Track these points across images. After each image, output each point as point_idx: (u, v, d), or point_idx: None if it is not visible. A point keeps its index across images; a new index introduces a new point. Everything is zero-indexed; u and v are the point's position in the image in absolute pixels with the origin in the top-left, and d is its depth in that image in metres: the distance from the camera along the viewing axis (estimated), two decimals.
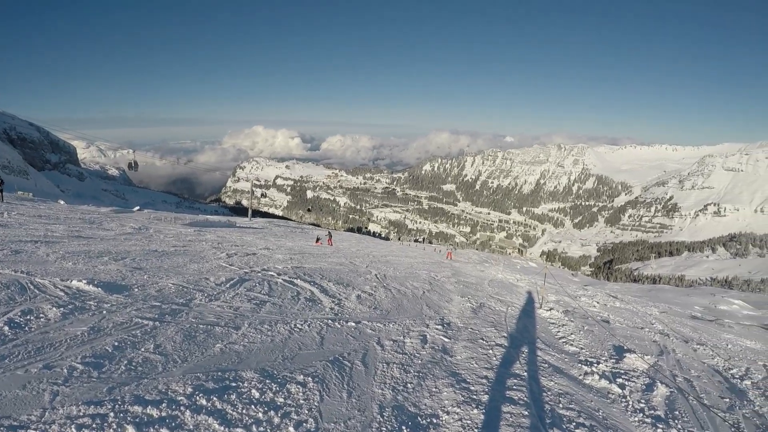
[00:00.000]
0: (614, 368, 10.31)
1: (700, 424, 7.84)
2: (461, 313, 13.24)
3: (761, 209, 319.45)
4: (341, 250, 30.48)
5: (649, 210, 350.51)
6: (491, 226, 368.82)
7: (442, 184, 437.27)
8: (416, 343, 9.07)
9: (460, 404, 6.47)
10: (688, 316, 27.83)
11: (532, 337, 12.02)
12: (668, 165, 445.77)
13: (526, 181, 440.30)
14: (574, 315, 17.26)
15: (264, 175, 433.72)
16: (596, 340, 13.17)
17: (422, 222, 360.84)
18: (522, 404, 6.82)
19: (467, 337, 10.33)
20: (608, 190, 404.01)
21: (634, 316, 21.29)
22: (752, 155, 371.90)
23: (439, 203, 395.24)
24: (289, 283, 12.65)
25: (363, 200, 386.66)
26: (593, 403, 7.90)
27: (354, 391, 6.35)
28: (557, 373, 9.06)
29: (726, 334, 21.71)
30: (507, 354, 9.45)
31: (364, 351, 8.03)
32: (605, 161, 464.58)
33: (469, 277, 24.88)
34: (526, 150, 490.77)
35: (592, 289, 39.76)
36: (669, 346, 14.13)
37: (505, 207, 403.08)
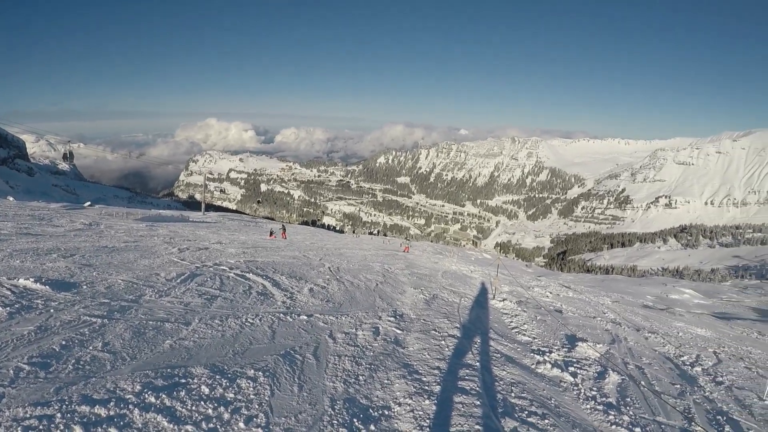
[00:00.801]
0: (566, 357, 10.50)
1: (652, 410, 8.03)
2: (414, 304, 13.29)
3: (711, 202, 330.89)
4: (295, 243, 30.29)
5: (601, 202, 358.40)
6: (446, 218, 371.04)
7: (397, 176, 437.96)
8: (368, 335, 9.07)
9: (412, 395, 6.49)
10: (640, 305, 28.47)
11: (485, 327, 12.12)
12: (621, 158, 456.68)
13: (480, 174, 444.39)
14: (527, 305, 17.50)
15: (217, 168, 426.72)
16: (549, 329, 13.39)
17: (377, 214, 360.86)
18: (474, 394, 6.86)
19: (420, 328, 10.37)
20: (561, 183, 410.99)
21: (587, 305, 21.69)
22: (703, 149, 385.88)
23: (394, 196, 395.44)
24: (241, 278, 12.51)
25: (317, 193, 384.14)
26: (545, 392, 8.01)
27: (305, 384, 6.31)
28: (510, 363, 9.17)
29: (677, 322, 22.27)
30: (459, 344, 9.50)
31: (316, 344, 8.00)
32: (559, 154, 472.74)
33: (423, 268, 24.97)
34: (481, 143, 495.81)
35: (545, 279, 40.38)
36: (621, 335, 14.45)
37: (459, 199, 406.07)
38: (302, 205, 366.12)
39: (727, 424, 8.04)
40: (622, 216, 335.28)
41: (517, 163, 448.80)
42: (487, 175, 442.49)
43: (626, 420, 7.37)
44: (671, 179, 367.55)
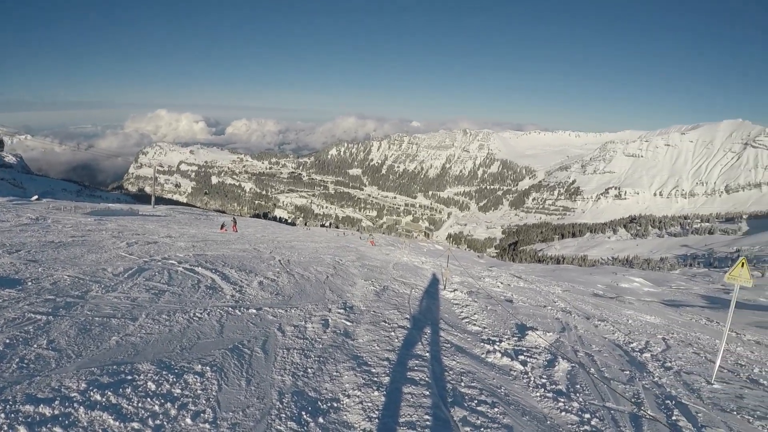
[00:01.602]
0: (516, 346, 10.56)
1: (601, 396, 8.14)
2: (364, 296, 13.23)
3: (660, 192, 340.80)
4: (246, 236, 30.00)
5: (552, 193, 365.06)
6: (397, 210, 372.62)
7: (349, 168, 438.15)
8: (318, 327, 8.98)
9: (360, 387, 6.46)
10: (590, 294, 28.95)
11: (435, 318, 12.14)
12: (571, 150, 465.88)
13: (432, 166, 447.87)
14: (477, 296, 17.62)
15: (167, 160, 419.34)
16: (499, 319, 13.48)
17: (329, 207, 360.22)
18: (423, 384, 6.86)
19: (370, 320, 10.32)
20: (513, 174, 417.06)
21: (538, 295, 21.94)
22: (652, 142, 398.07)
23: (346, 188, 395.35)
24: (189, 271, 12.28)
25: (269, 185, 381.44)
26: (495, 381, 8.05)
27: (253, 378, 6.24)
28: (460, 353, 9.18)
29: (627, 310, 22.68)
30: (409, 335, 9.49)
31: (265, 338, 7.89)
32: (510, 146, 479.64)
33: (375, 260, 24.98)
34: (433, 135, 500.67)
35: (496, 270, 40.77)
36: (571, 323, 14.66)
37: (411, 191, 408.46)
38: (254, 197, 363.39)
39: (676, 408, 8.19)
40: (573, 207, 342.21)
41: (469, 155, 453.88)
42: (439, 167, 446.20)
43: (576, 406, 7.46)
44: (621, 171, 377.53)
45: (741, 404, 9.07)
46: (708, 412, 8.25)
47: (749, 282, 10.39)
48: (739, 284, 10.49)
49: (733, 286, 10.83)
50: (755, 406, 9.03)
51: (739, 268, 10.38)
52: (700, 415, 8.02)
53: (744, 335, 21.33)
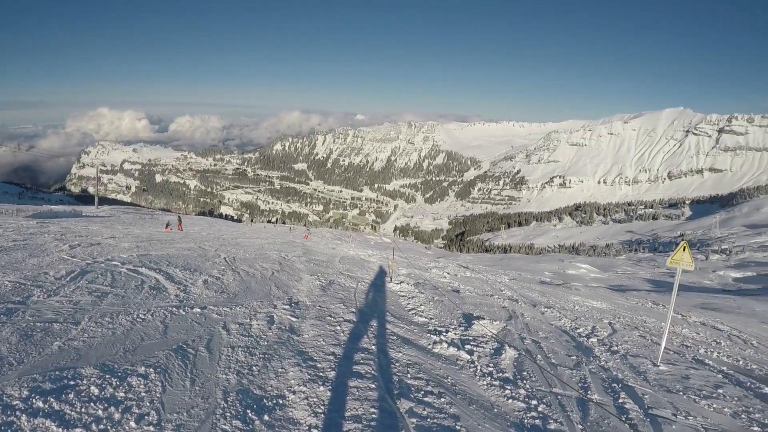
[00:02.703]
0: (463, 335, 10.60)
1: (548, 382, 8.22)
2: (310, 291, 13.13)
3: (604, 180, 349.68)
4: (191, 234, 29.59)
5: (498, 183, 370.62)
6: (344, 203, 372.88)
7: (294, 163, 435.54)
8: (263, 324, 8.87)
9: (306, 383, 6.40)
10: (537, 282, 29.37)
11: (382, 310, 12.11)
12: (516, 141, 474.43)
13: (377, 159, 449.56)
14: (424, 287, 17.66)
15: (110, 159, 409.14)
16: (446, 309, 13.53)
17: (275, 202, 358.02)
18: (369, 377, 6.86)
19: (315, 315, 10.23)
20: (458, 166, 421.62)
21: (484, 284, 22.16)
22: (595, 131, 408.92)
23: (291, 183, 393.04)
24: (133, 272, 12.02)
25: (214, 182, 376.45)
26: (442, 371, 8.06)
27: (198, 378, 6.15)
28: (406, 344, 9.16)
29: (573, 296, 23.09)
30: (355, 329, 9.46)
31: (209, 337, 7.78)
32: (455, 138, 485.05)
33: (321, 255, 24.87)
34: (377, 128, 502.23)
35: (444, 261, 41.10)
36: (518, 311, 14.82)
37: (357, 184, 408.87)
38: (199, 195, 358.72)
39: (623, 391, 8.34)
40: (518, 196, 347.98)
41: (414, 148, 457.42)
42: (384, 159, 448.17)
43: (522, 393, 7.53)
44: (565, 160, 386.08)
45: (687, 384, 9.28)
46: (654, 394, 8.41)
47: (691, 265, 10.62)
48: (681, 268, 10.70)
49: (676, 270, 11.03)
50: (701, 386, 9.26)
51: (680, 252, 10.60)
52: (647, 397, 8.18)
53: (690, 317, 21.90)
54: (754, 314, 29.40)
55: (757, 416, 8.10)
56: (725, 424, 7.64)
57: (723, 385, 9.59)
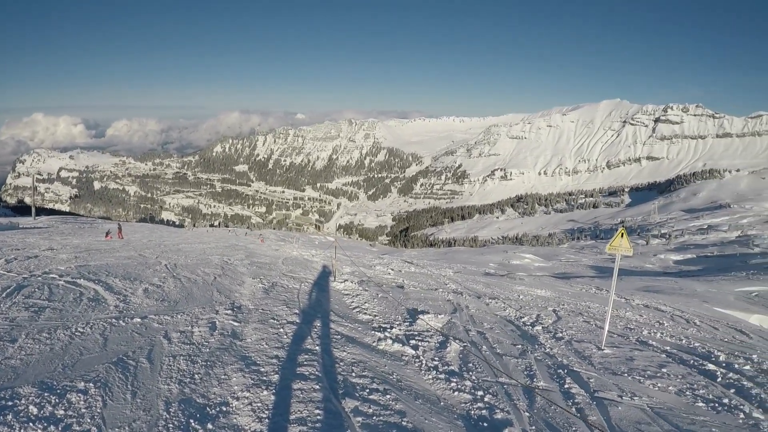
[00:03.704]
0: (408, 331, 10.59)
1: (494, 372, 8.26)
2: (253, 294, 12.93)
3: (544, 172, 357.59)
4: (132, 242, 28.92)
5: (439, 178, 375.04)
6: (286, 204, 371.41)
7: (235, 165, 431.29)
8: (204, 331, 8.67)
9: (250, 388, 6.26)
10: (482, 274, 29.61)
11: (325, 310, 12.01)
12: (456, 135, 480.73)
13: (318, 157, 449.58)
14: (368, 284, 17.65)
15: (47, 167, 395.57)
16: (390, 306, 13.51)
17: (217, 206, 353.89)
18: (314, 378, 6.75)
19: (258, 318, 10.07)
20: (400, 162, 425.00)
21: (429, 278, 22.24)
22: (534, 124, 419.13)
23: (233, 185, 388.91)
24: (71, 284, 11.61)
25: (154, 187, 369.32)
26: (387, 368, 8.01)
27: (139, 390, 5.96)
28: (350, 343, 9.09)
29: (518, 286, 23.36)
30: (299, 330, 9.34)
31: (150, 347, 7.55)
32: (395, 134, 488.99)
33: (264, 257, 24.64)
34: (318, 126, 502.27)
35: (388, 257, 41.20)
36: (462, 304, 14.90)
37: (299, 184, 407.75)
38: (139, 201, 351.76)
39: (568, 376, 8.46)
40: (461, 190, 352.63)
41: (355, 145, 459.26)
42: (326, 158, 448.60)
43: (468, 385, 7.53)
44: (505, 153, 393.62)
45: (632, 366, 9.47)
46: (600, 377, 8.54)
47: (629, 251, 10.85)
48: (620, 253, 10.90)
49: (615, 256, 11.23)
50: (645, 366, 9.47)
51: (618, 238, 10.82)
52: (592, 381, 8.30)
53: (633, 300, 22.40)
54: (695, 294, 30.25)
55: (702, 392, 8.32)
56: (670, 402, 7.81)
57: (667, 365, 9.83)
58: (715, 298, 29.95)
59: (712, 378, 9.26)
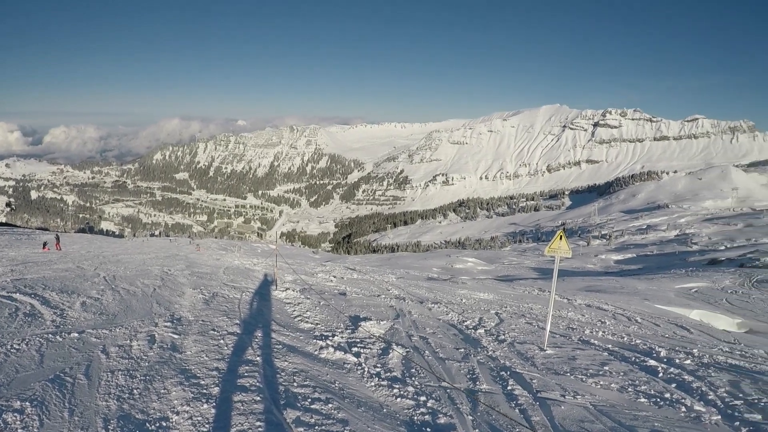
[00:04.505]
0: (350, 338, 10.54)
1: (437, 377, 8.26)
2: (193, 305, 12.70)
3: (486, 176, 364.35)
4: (70, 254, 28.20)
5: (381, 184, 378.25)
6: (228, 212, 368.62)
7: (175, 173, 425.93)
8: (143, 344, 8.45)
9: (190, 402, 6.12)
10: (424, 279, 29.76)
11: (267, 320, 11.88)
12: (398, 141, 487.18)
13: (260, 164, 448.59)
14: (310, 292, 17.53)
15: None
16: (332, 313, 13.44)
17: (157, 215, 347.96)
18: (255, 390, 6.64)
19: (198, 330, 9.87)
20: (342, 168, 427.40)
21: (371, 285, 22.25)
22: (475, 129, 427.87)
23: (173, 193, 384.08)
24: (6, 299, 11.21)
25: (93, 197, 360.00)
26: (329, 376, 7.95)
27: (77, 408, 5.76)
28: (292, 353, 9.00)
29: (460, 290, 23.52)
30: (240, 341, 9.19)
31: (88, 362, 7.32)
32: (337, 140, 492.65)
33: (204, 267, 24.27)
34: (259, 133, 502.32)
35: (331, 264, 41.03)
36: (405, 309, 14.95)
37: (240, 192, 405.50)
38: (78, 210, 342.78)
39: (511, 378, 8.53)
40: (403, 196, 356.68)
41: (297, 152, 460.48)
42: (267, 165, 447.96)
43: (411, 391, 7.51)
44: (447, 158, 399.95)
45: (574, 365, 9.64)
46: (542, 378, 8.65)
47: (568, 252, 11.06)
48: (560, 255, 11.08)
49: (555, 257, 11.41)
50: (587, 365, 9.64)
51: (557, 240, 11.02)
52: (535, 381, 8.39)
53: (575, 300, 22.79)
54: (636, 293, 30.97)
55: (643, 388, 8.53)
56: (613, 399, 7.97)
57: (609, 362, 10.04)
58: (656, 295, 30.74)
59: (654, 374, 9.51)
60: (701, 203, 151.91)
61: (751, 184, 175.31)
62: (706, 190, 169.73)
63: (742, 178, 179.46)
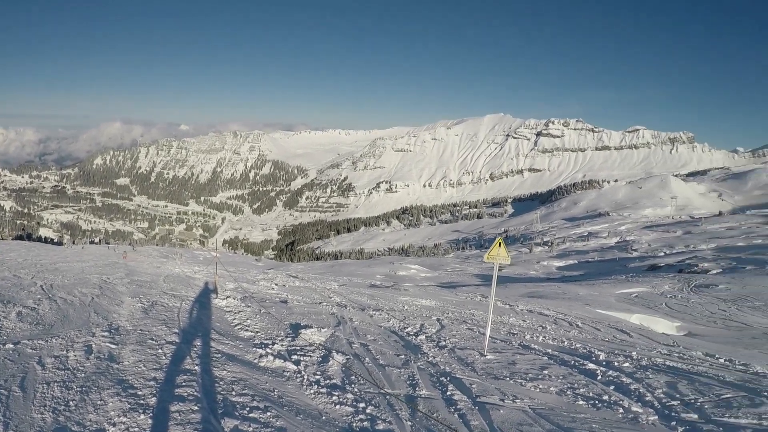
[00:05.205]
0: (290, 346, 10.51)
1: (377, 383, 8.30)
2: (131, 315, 12.47)
3: (429, 184, 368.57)
4: (6, 262, 27.32)
5: (325, 191, 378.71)
6: (170, 219, 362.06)
7: (116, 178, 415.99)
8: (80, 355, 8.27)
9: (126, 413, 6.02)
10: (367, 286, 29.80)
11: (206, 328, 11.74)
12: (342, 148, 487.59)
13: (202, 170, 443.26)
14: (251, 300, 17.41)
15: None
16: (273, 321, 13.37)
17: (97, 221, 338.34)
18: (192, 399, 6.55)
19: (136, 339, 9.70)
20: (285, 175, 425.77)
21: (313, 292, 22.21)
22: (419, 137, 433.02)
23: (114, 199, 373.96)
24: None
25: (31, 202, 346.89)
26: (268, 384, 7.90)
27: (11, 421, 5.62)
28: (231, 361, 8.92)
29: (403, 296, 23.66)
30: (178, 350, 9.06)
31: (23, 374, 7.13)
32: (281, 147, 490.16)
33: (145, 275, 23.86)
34: (202, 138, 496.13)
35: (273, 272, 40.82)
36: (346, 316, 14.97)
37: (182, 198, 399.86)
38: (15, 216, 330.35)
39: (451, 383, 8.61)
40: (346, 203, 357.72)
41: (240, 158, 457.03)
42: (210, 171, 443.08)
43: (350, 398, 7.54)
44: (391, 165, 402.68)
45: (514, 370, 9.79)
46: (482, 383, 8.75)
47: (507, 259, 11.30)
48: (498, 262, 11.27)
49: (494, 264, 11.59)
50: (527, 370, 9.82)
51: (496, 247, 11.23)
52: (474, 386, 8.49)
53: (517, 306, 23.14)
54: (578, 298, 31.58)
55: (582, 391, 8.73)
56: (551, 402, 8.12)
57: (549, 366, 10.24)
58: (597, 300, 31.39)
59: (593, 377, 9.75)
60: (641, 211, 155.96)
61: (690, 193, 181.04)
62: (646, 198, 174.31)
63: (681, 187, 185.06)
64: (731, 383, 10.13)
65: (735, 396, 8.96)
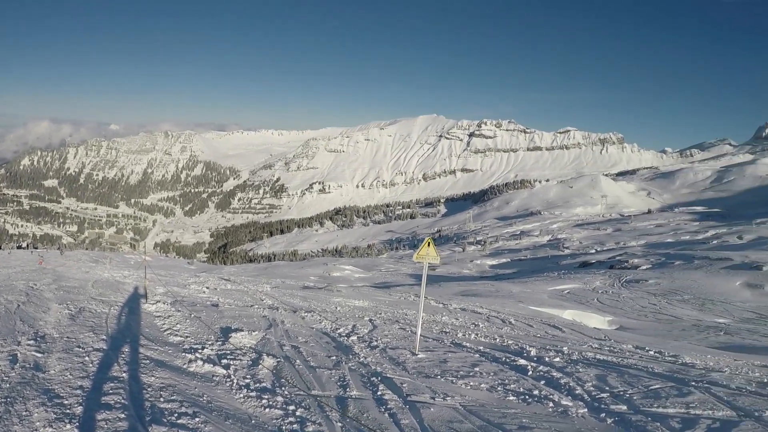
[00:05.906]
0: (220, 350, 10.41)
1: (307, 385, 8.30)
2: (58, 322, 12.15)
3: (362, 184, 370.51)
4: None
5: (258, 192, 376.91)
6: (99, 222, 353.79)
7: (44, 179, 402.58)
8: (5, 365, 8.03)
9: (52, 423, 5.85)
10: (300, 287, 29.73)
11: (135, 334, 11.53)
12: (274, 149, 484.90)
13: (133, 171, 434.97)
14: (182, 304, 17.17)
15: None
16: (203, 325, 13.22)
17: (25, 225, 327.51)
18: (119, 407, 6.44)
19: (62, 347, 9.47)
20: (217, 176, 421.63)
21: (245, 295, 22.07)
22: (353, 137, 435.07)
23: (42, 202, 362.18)
24: None
25: None
26: (197, 390, 7.80)
27: None
28: (160, 367, 8.78)
29: (335, 298, 23.69)
30: (106, 357, 8.89)
31: None
32: (213, 147, 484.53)
33: (72, 280, 23.29)
34: (132, 138, 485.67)
35: (205, 275, 40.36)
36: (278, 319, 14.91)
37: (112, 200, 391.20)
38: None
39: (382, 383, 8.65)
40: (279, 204, 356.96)
41: (171, 159, 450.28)
42: (141, 172, 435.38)
43: (280, 400, 7.50)
44: (324, 166, 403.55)
45: (445, 368, 9.90)
46: (413, 381, 8.83)
47: (436, 259, 11.47)
48: (428, 262, 11.42)
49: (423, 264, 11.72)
50: (458, 368, 9.95)
51: (426, 247, 11.40)
52: (405, 386, 8.56)
53: (450, 305, 23.41)
54: (511, 295, 32.16)
55: (513, 386, 8.89)
56: (482, 398, 8.23)
57: (480, 363, 10.40)
58: (530, 297, 32.07)
59: (524, 372, 9.94)
60: (572, 210, 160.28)
61: (620, 191, 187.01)
62: (577, 197, 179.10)
63: (611, 186, 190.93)
64: (660, 374, 10.51)
65: (663, 386, 9.26)
